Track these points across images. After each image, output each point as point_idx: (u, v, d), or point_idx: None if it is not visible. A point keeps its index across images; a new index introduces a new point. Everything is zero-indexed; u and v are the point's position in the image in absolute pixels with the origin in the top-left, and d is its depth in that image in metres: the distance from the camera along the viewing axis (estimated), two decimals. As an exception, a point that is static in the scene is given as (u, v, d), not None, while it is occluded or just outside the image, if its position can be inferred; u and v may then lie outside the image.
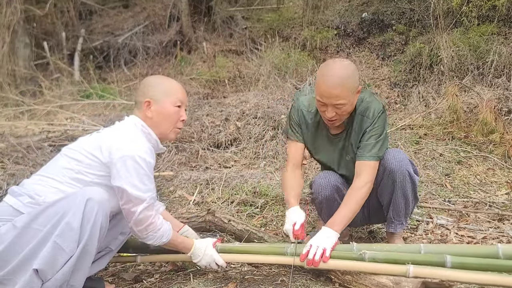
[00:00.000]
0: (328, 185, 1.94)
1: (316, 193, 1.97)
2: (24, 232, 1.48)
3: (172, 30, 7.41)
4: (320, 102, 1.76)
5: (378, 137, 1.84)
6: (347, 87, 1.70)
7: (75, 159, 1.63)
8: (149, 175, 1.62)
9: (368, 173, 1.82)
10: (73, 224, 1.45)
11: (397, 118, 4.46)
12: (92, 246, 1.50)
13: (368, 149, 1.83)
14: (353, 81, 1.72)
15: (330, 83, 1.70)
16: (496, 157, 3.35)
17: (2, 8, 6.20)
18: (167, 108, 1.73)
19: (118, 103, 5.24)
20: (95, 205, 1.49)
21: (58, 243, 1.45)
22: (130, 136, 1.64)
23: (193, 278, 1.88)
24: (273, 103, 4.53)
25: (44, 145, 3.73)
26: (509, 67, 4.47)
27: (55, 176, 1.61)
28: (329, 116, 1.77)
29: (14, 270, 1.47)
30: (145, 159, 1.59)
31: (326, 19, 6.70)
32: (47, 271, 1.45)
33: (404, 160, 1.87)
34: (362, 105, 1.86)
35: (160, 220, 1.68)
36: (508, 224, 2.38)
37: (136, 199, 1.58)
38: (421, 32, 5.86)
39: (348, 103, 1.74)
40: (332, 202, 1.96)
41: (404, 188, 1.89)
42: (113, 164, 1.57)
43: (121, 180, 1.56)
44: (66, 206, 1.48)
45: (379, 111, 1.84)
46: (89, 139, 1.70)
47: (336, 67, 1.73)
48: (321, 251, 1.65)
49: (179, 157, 3.72)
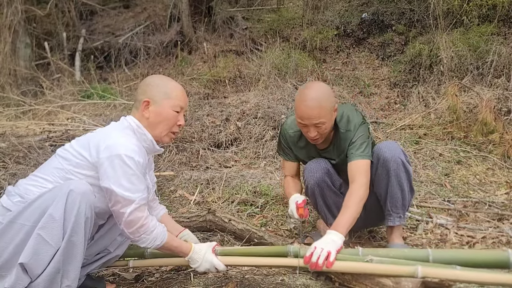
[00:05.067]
0: (319, 168, 2.01)
1: (307, 179, 2.03)
2: (9, 228, 1.47)
3: (172, 31, 7.42)
4: (301, 124, 1.89)
5: (363, 140, 1.93)
6: (324, 107, 1.83)
7: (65, 158, 1.61)
8: (138, 175, 1.56)
9: (361, 175, 1.87)
10: (55, 215, 1.43)
11: (397, 118, 4.47)
12: (79, 237, 1.47)
13: (356, 148, 1.92)
14: (330, 101, 1.86)
15: (309, 105, 1.83)
16: (496, 157, 3.35)
17: (3, 8, 6.21)
18: (166, 111, 1.68)
19: (119, 103, 5.25)
20: (77, 196, 1.46)
21: (41, 235, 1.43)
22: (118, 135, 1.59)
23: (193, 278, 1.89)
24: (273, 103, 4.54)
25: (45, 145, 3.74)
26: (508, 67, 4.47)
27: (47, 176, 1.60)
28: (311, 136, 1.89)
29: (2, 266, 1.47)
30: (133, 158, 1.54)
31: (326, 19, 6.71)
32: (33, 265, 1.43)
33: (397, 149, 1.95)
34: (342, 120, 1.99)
35: (153, 222, 1.62)
36: (507, 223, 2.39)
37: (125, 199, 1.53)
38: (421, 33, 5.87)
39: (327, 121, 1.87)
40: (324, 187, 2.01)
41: (398, 176, 1.94)
42: (100, 164, 1.54)
43: (109, 180, 1.52)
44: (49, 200, 1.46)
45: (359, 123, 1.97)
46: (80, 138, 1.67)
47: (312, 90, 1.86)
48: (326, 254, 1.61)
49: (180, 157, 3.73)
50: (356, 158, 1.90)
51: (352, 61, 6.02)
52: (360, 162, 1.89)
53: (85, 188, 1.50)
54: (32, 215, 1.46)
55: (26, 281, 1.44)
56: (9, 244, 1.46)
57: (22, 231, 1.46)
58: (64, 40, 7.36)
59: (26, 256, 1.42)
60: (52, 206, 1.44)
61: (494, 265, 1.55)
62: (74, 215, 1.45)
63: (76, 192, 1.46)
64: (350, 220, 1.77)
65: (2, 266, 1.47)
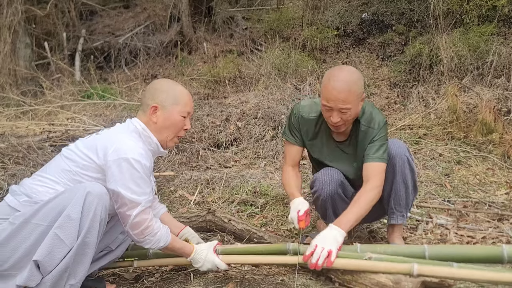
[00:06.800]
0: (332, 180, 1.94)
1: (319, 190, 1.95)
2: (22, 228, 1.49)
3: (172, 31, 7.42)
4: (326, 106, 1.79)
5: (383, 142, 1.89)
6: (353, 92, 1.74)
7: (71, 160, 1.63)
8: (145, 178, 1.60)
9: (376, 177, 1.84)
10: (72, 216, 1.46)
11: (397, 118, 4.47)
12: (92, 238, 1.50)
13: (374, 151, 1.87)
14: (359, 87, 1.77)
15: (337, 87, 1.74)
16: (496, 157, 3.35)
17: (3, 8, 6.21)
18: (174, 116, 1.71)
19: (119, 103, 5.24)
20: (94, 198, 1.49)
21: (58, 234, 1.46)
22: (126, 139, 1.62)
23: (193, 278, 1.89)
24: (273, 103, 4.54)
25: (45, 145, 3.73)
26: (508, 67, 4.48)
27: (54, 177, 1.62)
28: (334, 121, 1.80)
29: (15, 265, 1.49)
30: (140, 161, 1.57)
31: (326, 19, 6.71)
32: (47, 263, 1.45)
33: (402, 147, 1.95)
34: (365, 115, 1.91)
35: (157, 224, 1.67)
36: (507, 224, 2.39)
37: (131, 202, 1.57)
38: (421, 33, 5.87)
39: (353, 108, 1.78)
40: (337, 199, 1.95)
41: (404, 173, 1.92)
42: (108, 167, 1.57)
43: (116, 183, 1.55)
44: (66, 200, 1.49)
45: (383, 122, 1.92)
46: (87, 140, 1.70)
47: (343, 72, 1.78)
48: (326, 253, 1.61)
49: (180, 157, 3.73)
50: (374, 160, 1.86)
51: (352, 61, 6.02)
52: (377, 165, 1.85)
53: (102, 190, 1.54)
54: (47, 215, 1.49)
55: (38, 278, 1.47)
56: (22, 244, 1.49)
57: (36, 230, 1.48)
58: (64, 40, 7.36)
59: (41, 253, 1.45)
60: (69, 207, 1.47)
61: (489, 260, 1.60)
62: (91, 216, 1.49)
63: (93, 194, 1.50)
64: (355, 218, 1.75)
65: (13, 265, 1.49)
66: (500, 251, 1.55)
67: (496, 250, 1.58)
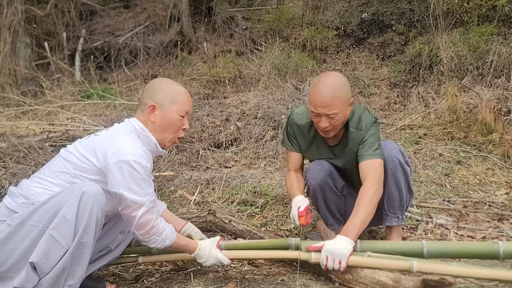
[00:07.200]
0: (322, 169, 1.98)
1: (310, 179, 2.00)
2: (18, 230, 1.49)
3: (172, 31, 7.42)
4: (314, 112, 1.83)
5: (373, 140, 1.89)
6: (339, 97, 1.78)
7: (70, 161, 1.63)
8: (146, 179, 1.61)
9: (372, 175, 1.83)
10: (67, 216, 1.46)
11: (397, 118, 4.47)
12: (89, 239, 1.50)
13: (366, 149, 1.88)
14: (345, 92, 1.81)
15: (323, 92, 1.78)
16: (496, 157, 3.36)
17: (3, 8, 6.21)
18: (172, 115, 1.71)
19: (119, 103, 5.24)
20: (90, 198, 1.49)
21: (53, 235, 1.45)
22: (125, 140, 1.62)
23: (193, 278, 1.89)
24: (273, 103, 4.54)
25: (45, 145, 3.73)
26: (508, 67, 4.48)
27: (53, 179, 1.62)
28: (323, 126, 1.84)
29: (12, 267, 1.48)
30: (140, 163, 1.57)
31: (326, 19, 6.71)
32: (43, 264, 1.45)
33: (394, 149, 1.94)
34: (353, 118, 1.93)
35: (162, 223, 1.68)
36: (507, 223, 2.39)
37: (135, 203, 1.58)
38: (421, 33, 5.87)
39: (341, 113, 1.81)
40: (326, 188, 1.99)
41: (395, 176, 1.93)
42: (108, 170, 1.57)
43: (118, 186, 1.55)
44: (61, 201, 1.49)
45: (371, 122, 1.92)
46: (85, 141, 1.69)
47: (328, 78, 1.83)
48: (337, 266, 1.65)
49: (180, 157, 3.73)
50: (368, 158, 1.86)
51: (352, 61, 6.02)
52: (372, 162, 1.85)
53: (97, 190, 1.53)
54: (43, 216, 1.48)
55: (35, 280, 1.47)
56: (18, 246, 1.48)
57: (33, 232, 1.48)
58: (64, 40, 7.35)
59: (37, 255, 1.45)
60: (64, 208, 1.47)
61: (486, 256, 1.63)
62: (86, 217, 1.48)
63: (89, 194, 1.50)
64: (360, 222, 1.74)
65: (11, 267, 1.49)
66: (496, 248, 1.57)
67: (492, 247, 1.59)
